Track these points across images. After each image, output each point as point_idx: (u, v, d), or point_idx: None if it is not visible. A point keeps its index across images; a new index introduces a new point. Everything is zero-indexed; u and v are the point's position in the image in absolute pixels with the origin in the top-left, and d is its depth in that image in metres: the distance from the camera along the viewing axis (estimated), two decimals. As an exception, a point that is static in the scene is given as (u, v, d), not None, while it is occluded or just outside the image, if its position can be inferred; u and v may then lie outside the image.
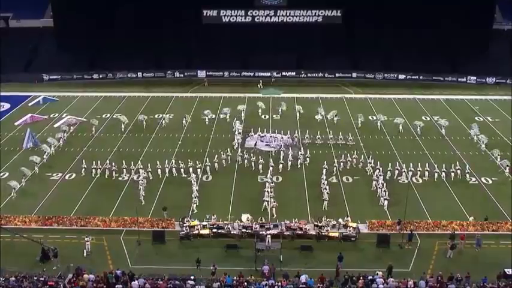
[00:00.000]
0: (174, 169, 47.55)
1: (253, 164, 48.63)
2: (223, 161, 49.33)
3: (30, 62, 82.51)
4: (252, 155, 49.94)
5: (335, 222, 38.24)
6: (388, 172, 46.51)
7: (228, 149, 51.26)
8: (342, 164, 48.51)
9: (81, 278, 31.61)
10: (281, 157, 50.23)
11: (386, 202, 41.89)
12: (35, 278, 31.55)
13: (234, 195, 43.82)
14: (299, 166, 49.03)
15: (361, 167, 48.36)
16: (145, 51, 79.92)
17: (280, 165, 48.80)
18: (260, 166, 48.19)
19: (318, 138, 54.78)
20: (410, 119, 59.97)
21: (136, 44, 78.55)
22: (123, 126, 58.57)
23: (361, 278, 31.76)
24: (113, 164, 47.89)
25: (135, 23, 79.51)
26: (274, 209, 40.42)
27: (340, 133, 55.50)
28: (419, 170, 47.11)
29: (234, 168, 48.75)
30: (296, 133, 56.36)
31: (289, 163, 49.07)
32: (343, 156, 49.39)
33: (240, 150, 51.55)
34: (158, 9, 79.04)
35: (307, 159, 49.79)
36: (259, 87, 74.87)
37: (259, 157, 49.30)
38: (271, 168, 46.71)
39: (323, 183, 43.73)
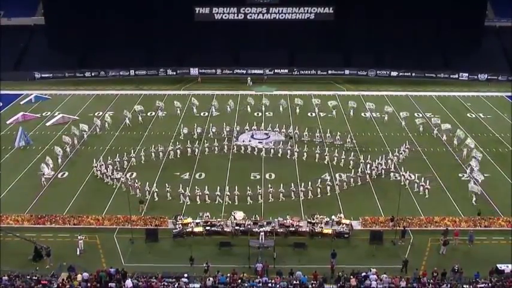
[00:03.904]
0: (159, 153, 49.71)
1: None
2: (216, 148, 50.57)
3: (21, 60, 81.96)
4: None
5: (328, 219, 38.33)
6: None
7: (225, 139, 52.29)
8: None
9: (74, 277, 31.50)
10: (272, 153, 50.38)
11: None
12: (28, 277, 31.42)
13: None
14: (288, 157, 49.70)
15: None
16: (138, 49, 79.93)
17: (274, 162, 49.00)
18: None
19: (325, 136, 54.66)
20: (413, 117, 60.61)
21: (128, 42, 78.41)
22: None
23: (355, 274, 31.84)
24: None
25: (127, 20, 79.02)
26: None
27: (350, 132, 55.70)
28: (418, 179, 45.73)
29: (227, 166, 48.77)
30: (285, 128, 55.97)
31: (283, 156, 49.80)
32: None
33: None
34: (150, 7, 78.75)
35: (296, 153, 49.87)
36: (248, 85, 75.00)
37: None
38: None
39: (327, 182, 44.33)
